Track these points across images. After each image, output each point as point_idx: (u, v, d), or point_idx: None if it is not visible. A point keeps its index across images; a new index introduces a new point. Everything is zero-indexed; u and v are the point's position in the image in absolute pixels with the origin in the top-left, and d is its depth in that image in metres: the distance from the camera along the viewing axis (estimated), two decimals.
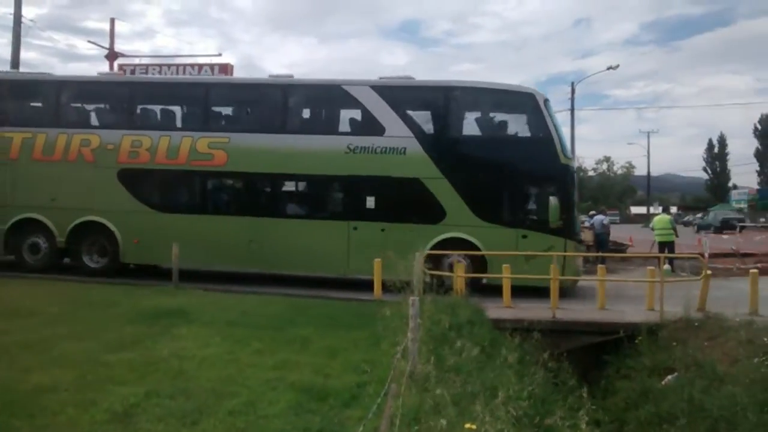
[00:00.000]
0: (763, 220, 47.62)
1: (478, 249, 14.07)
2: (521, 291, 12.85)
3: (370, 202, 14.76)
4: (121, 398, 6.46)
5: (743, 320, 10.19)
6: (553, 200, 14.09)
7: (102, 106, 17.08)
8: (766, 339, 9.06)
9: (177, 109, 16.59)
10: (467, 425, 4.84)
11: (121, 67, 26.71)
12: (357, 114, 15.29)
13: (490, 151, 14.73)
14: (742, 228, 35.94)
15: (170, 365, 7.84)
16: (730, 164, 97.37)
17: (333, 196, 15.81)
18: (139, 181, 15.69)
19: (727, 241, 27.20)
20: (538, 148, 14.46)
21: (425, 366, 6.98)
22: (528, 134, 14.88)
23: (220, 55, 26.04)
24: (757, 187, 72.71)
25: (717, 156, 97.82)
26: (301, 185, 15.89)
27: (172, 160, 15.39)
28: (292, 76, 15.90)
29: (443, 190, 14.44)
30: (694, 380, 8.86)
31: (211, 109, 16.30)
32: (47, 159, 15.78)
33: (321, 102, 16.13)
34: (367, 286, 13.43)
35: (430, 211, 14.51)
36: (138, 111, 16.36)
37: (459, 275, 12.44)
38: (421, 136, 14.69)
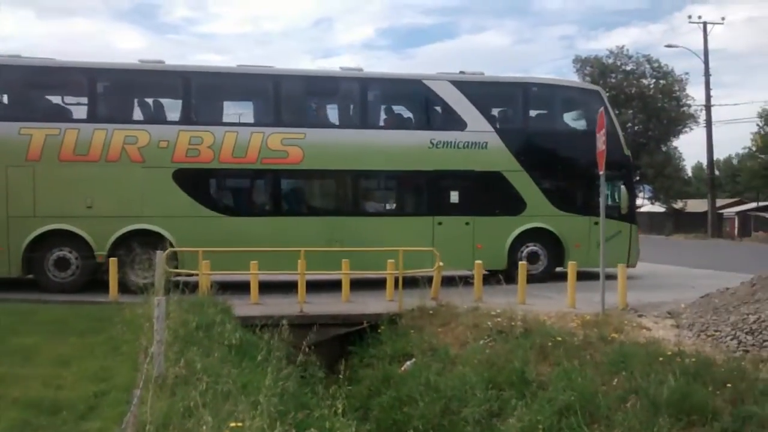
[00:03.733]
0: None
1: (557, 238, 15.08)
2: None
3: (454, 196, 14.83)
4: None
5: (470, 307, 11.19)
6: (623, 189, 15.52)
7: (151, 98, 14.47)
8: (489, 323, 10.04)
9: (242, 103, 15.39)
10: (232, 424, 4.66)
11: None
12: (438, 109, 15.24)
13: (564, 144, 15.43)
14: None
15: None
16: None
17: (417, 192, 15.38)
18: (200, 182, 13.97)
19: None
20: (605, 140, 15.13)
21: (173, 369, 6.61)
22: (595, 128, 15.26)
23: None
24: None
25: None
26: (384, 182, 15.37)
27: (239, 159, 13.86)
28: (361, 70, 15.05)
29: (523, 183, 15.02)
30: (430, 364, 9.55)
31: (283, 104, 14.82)
32: (79, 159, 13.22)
33: (401, 96, 15.82)
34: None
35: (511, 203, 15.04)
36: (195, 104, 14.40)
37: (204, 273, 12.01)
38: (500, 131, 15.05)
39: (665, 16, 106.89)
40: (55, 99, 14.51)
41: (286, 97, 14.95)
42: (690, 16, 40.25)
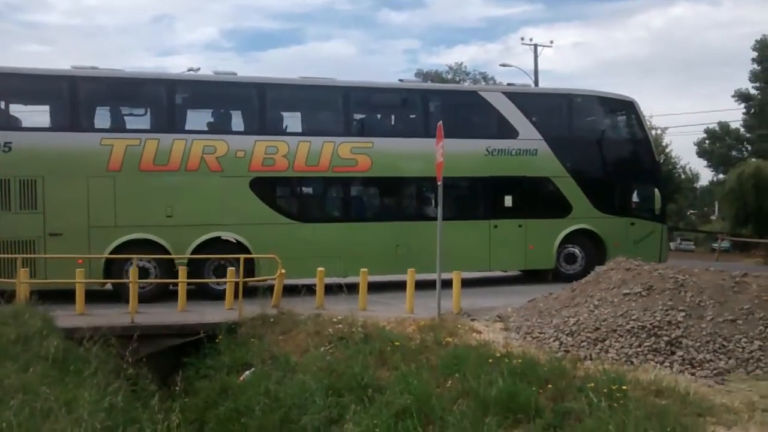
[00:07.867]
0: None
1: (599, 238, 16.12)
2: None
3: (508, 200, 15.76)
4: None
5: (312, 314, 11.16)
6: (657, 192, 16.90)
7: (227, 109, 14.92)
8: (330, 330, 10.07)
9: (314, 114, 15.91)
10: None
11: None
12: (493, 118, 16.04)
13: (604, 151, 16.94)
14: None
15: None
16: None
17: (475, 197, 16.19)
18: (276, 190, 14.65)
19: None
20: (640, 147, 17.21)
21: None
22: (631, 136, 17.35)
23: None
24: None
25: None
26: (445, 188, 13.69)
27: (312, 167, 14.24)
28: (420, 81, 15.80)
29: (569, 187, 16.12)
30: (270, 373, 9.39)
31: (352, 114, 15.66)
32: (159, 169, 13.27)
33: (459, 107, 16.47)
34: None
35: (559, 207, 16.11)
36: (271, 115, 14.80)
37: (23, 281, 11.10)
38: (548, 139, 15.98)
39: (501, 36, 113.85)
40: (134, 110, 14.64)
41: (354, 107, 15.75)
42: (522, 38, 43.00)
